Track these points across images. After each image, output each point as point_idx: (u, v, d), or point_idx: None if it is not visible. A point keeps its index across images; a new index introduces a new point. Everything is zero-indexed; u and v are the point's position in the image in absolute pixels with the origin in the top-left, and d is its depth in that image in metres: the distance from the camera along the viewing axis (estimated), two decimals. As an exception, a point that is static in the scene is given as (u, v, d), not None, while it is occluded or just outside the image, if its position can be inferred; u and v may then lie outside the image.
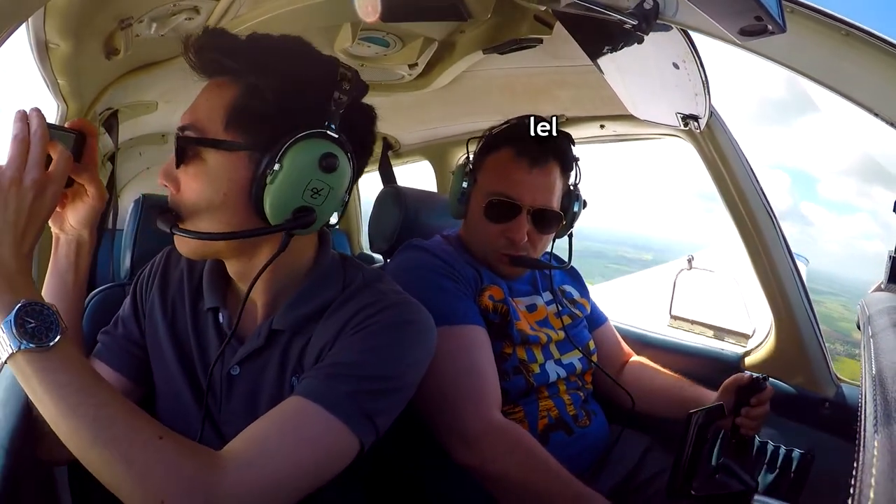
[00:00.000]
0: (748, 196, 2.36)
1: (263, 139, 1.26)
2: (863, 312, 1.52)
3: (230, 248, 1.37)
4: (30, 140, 1.17)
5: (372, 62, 2.53)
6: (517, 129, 2.09)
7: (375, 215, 2.63)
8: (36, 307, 1.10)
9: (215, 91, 1.33)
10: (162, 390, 1.53)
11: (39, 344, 1.08)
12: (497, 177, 2.07)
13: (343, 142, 1.30)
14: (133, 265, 1.97)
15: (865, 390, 0.97)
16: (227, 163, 1.28)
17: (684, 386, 2.28)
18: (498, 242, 2.07)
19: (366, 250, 4.45)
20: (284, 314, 1.40)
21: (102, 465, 1.07)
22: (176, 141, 1.30)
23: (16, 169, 1.14)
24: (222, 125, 1.29)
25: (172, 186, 1.34)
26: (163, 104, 2.83)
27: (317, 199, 1.28)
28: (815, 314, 2.43)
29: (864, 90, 1.34)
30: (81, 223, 1.41)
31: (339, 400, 1.22)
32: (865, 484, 0.64)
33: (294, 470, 1.17)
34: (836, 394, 2.40)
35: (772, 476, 2.41)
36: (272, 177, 1.24)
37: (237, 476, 1.11)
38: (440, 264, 2.00)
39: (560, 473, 1.70)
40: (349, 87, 1.32)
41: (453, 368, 1.77)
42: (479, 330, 1.92)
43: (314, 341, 1.37)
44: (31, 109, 1.20)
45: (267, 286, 1.42)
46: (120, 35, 1.91)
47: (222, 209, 1.30)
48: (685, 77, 1.91)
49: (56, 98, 2.14)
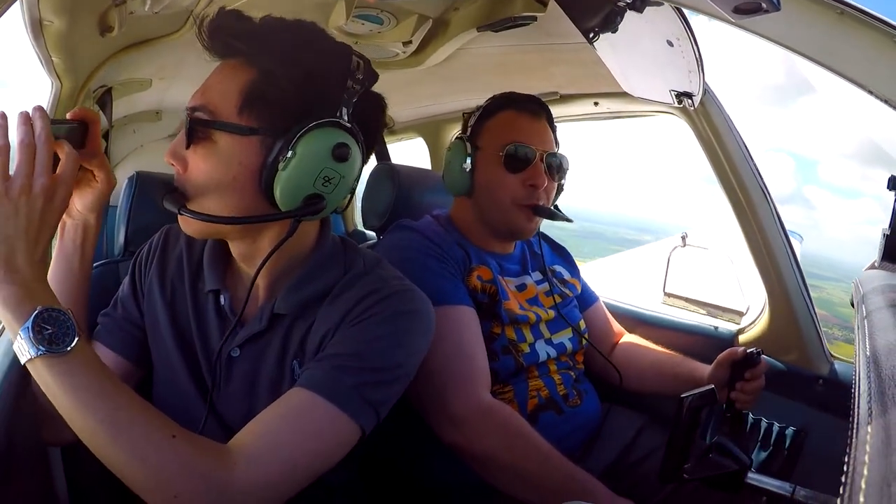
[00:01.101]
0: (742, 173, 2.36)
1: (277, 125, 1.27)
2: (857, 290, 1.52)
3: (236, 229, 1.37)
4: (35, 144, 1.16)
5: (366, 40, 2.52)
6: (508, 95, 2.16)
7: (369, 192, 2.63)
8: (53, 313, 1.11)
9: (229, 73, 1.33)
10: (160, 371, 1.54)
11: (57, 349, 1.09)
12: (506, 131, 2.11)
13: (355, 131, 1.31)
14: (127, 242, 1.98)
15: (860, 368, 0.97)
16: (238, 146, 1.29)
17: (677, 361, 2.30)
18: (519, 193, 2.08)
19: (359, 227, 4.45)
20: (286, 298, 1.41)
21: (119, 463, 1.10)
22: (187, 121, 1.30)
23: (25, 176, 1.13)
24: (236, 109, 1.29)
25: (180, 166, 1.34)
26: (157, 81, 2.82)
27: (328, 187, 1.29)
28: (808, 291, 2.43)
29: (858, 68, 1.34)
30: (88, 208, 1.42)
31: (344, 392, 1.25)
32: (859, 461, 0.65)
33: (300, 461, 1.20)
34: (829, 371, 2.41)
35: (765, 453, 2.43)
36: (284, 163, 1.25)
37: (247, 470, 1.14)
38: (428, 244, 2.01)
39: (550, 454, 1.72)
40: (362, 77, 1.33)
41: (441, 349, 1.76)
42: (468, 310, 1.93)
43: (316, 327, 1.38)
44: (34, 109, 1.19)
45: (269, 268, 1.42)
46: (114, 12, 1.89)
47: (230, 191, 1.30)
48: (679, 54, 1.90)
49: (50, 75, 2.12)
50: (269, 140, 1.27)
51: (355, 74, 1.32)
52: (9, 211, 1.11)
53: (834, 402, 2.32)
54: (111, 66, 2.33)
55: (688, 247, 3.99)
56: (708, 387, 1.42)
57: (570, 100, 3.06)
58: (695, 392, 1.39)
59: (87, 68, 2.27)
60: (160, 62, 2.52)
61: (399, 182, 2.54)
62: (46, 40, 1.90)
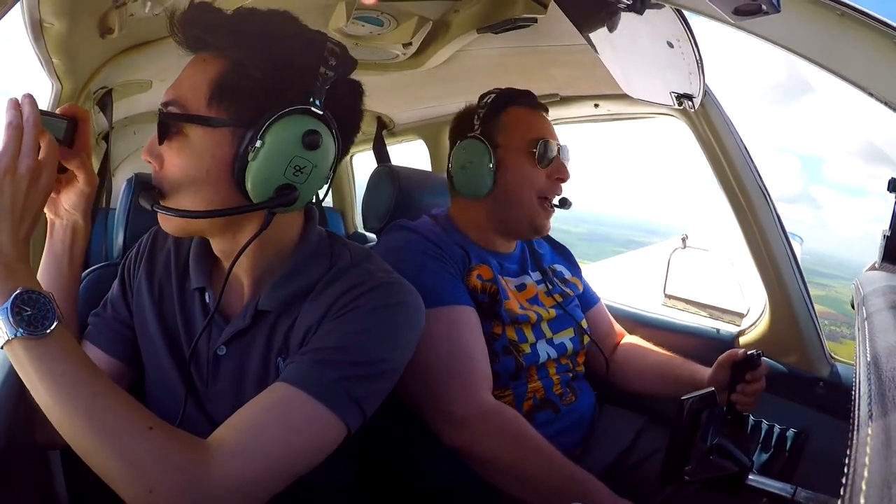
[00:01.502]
0: (742, 175, 2.36)
1: (247, 115, 1.26)
2: (857, 292, 1.52)
3: (214, 225, 1.37)
4: (23, 126, 1.17)
5: (366, 41, 2.52)
6: (508, 91, 2.18)
7: (369, 194, 2.63)
8: (33, 295, 1.11)
9: (199, 66, 1.33)
10: (150, 371, 1.54)
11: (35, 332, 1.09)
12: (527, 127, 2.13)
13: (328, 118, 1.30)
14: (125, 244, 1.98)
15: (860, 370, 0.97)
16: (210, 139, 1.28)
17: (678, 364, 2.29)
18: (546, 188, 2.12)
19: (359, 229, 4.45)
20: (270, 294, 1.40)
21: (93, 453, 1.09)
22: (159, 116, 1.30)
23: (10, 157, 1.15)
24: (205, 101, 1.28)
25: (156, 163, 1.34)
26: (157, 83, 2.82)
27: (299, 176, 1.28)
28: (809, 293, 2.43)
29: (858, 70, 1.34)
30: (74, 207, 1.42)
31: (325, 386, 1.23)
32: (860, 463, 0.64)
33: (281, 458, 1.18)
34: (830, 373, 2.41)
35: (766, 455, 2.43)
36: (254, 154, 1.24)
37: (225, 465, 1.12)
38: (427, 244, 1.99)
39: (552, 455, 1.71)
40: (336, 63, 1.32)
41: (442, 350, 1.77)
42: (468, 310, 1.92)
43: (300, 322, 1.37)
44: (24, 96, 1.21)
45: (252, 264, 1.43)
46: (114, 14, 1.90)
47: (205, 186, 1.30)
48: (679, 56, 1.90)
49: (50, 77, 2.13)
50: (240, 131, 1.26)
51: (328, 61, 1.31)
52: None
53: (834, 403, 2.32)
54: (111, 67, 2.34)
55: (688, 248, 3.98)
56: (708, 389, 1.42)
57: (570, 102, 3.06)
58: (695, 394, 1.39)
59: (88, 70, 2.28)
60: (161, 64, 2.52)
61: (399, 184, 2.53)
62: (47, 42, 1.91)
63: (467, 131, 2.14)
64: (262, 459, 1.15)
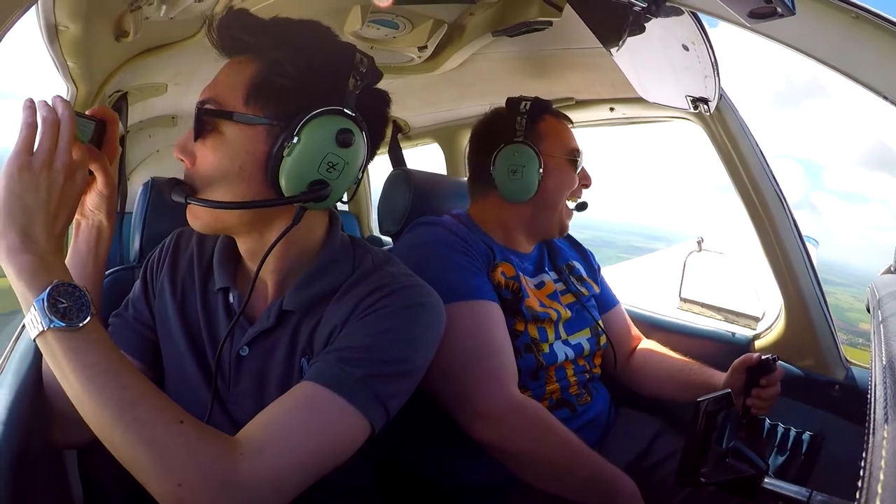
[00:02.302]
0: (758, 178, 2.35)
1: (282, 114, 1.29)
2: (872, 295, 1.51)
3: (242, 222, 1.38)
4: (60, 121, 1.20)
5: (381, 45, 2.52)
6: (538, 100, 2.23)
7: (385, 197, 2.64)
8: (68, 288, 1.13)
9: (236, 68, 1.36)
10: (171, 371, 1.55)
11: (70, 323, 1.10)
12: (562, 136, 2.24)
13: (359, 119, 1.32)
14: (142, 248, 1.99)
15: (876, 373, 0.97)
16: (245, 136, 1.30)
17: (693, 369, 2.29)
18: (575, 192, 2.25)
19: (375, 233, 4.45)
20: (295, 294, 1.41)
21: (123, 446, 1.09)
22: (196, 114, 1.32)
23: (48, 152, 1.17)
24: (242, 100, 1.31)
25: (188, 160, 1.36)
26: (172, 86, 2.84)
27: (332, 173, 1.30)
28: (824, 297, 2.42)
29: (873, 73, 1.34)
30: (97, 206, 1.43)
31: (351, 385, 1.24)
32: (875, 466, 0.64)
33: (307, 455, 1.18)
34: (846, 376, 2.40)
35: (782, 458, 2.42)
36: (290, 150, 1.27)
37: (253, 461, 1.12)
38: (454, 239, 2.01)
39: (580, 448, 1.75)
40: (365, 72, 1.35)
41: (470, 345, 1.79)
42: (494, 306, 1.93)
43: (324, 323, 1.38)
44: (55, 97, 1.23)
45: (277, 265, 1.44)
46: (129, 17, 1.91)
47: (238, 180, 1.32)
48: (695, 59, 1.90)
49: (66, 80, 2.15)
50: (275, 129, 1.29)
51: (359, 69, 1.34)
52: (30, 183, 1.15)
53: (850, 407, 2.31)
54: (127, 70, 2.35)
55: (703, 251, 3.98)
56: (724, 391, 1.42)
57: (585, 105, 3.06)
58: (711, 395, 1.39)
59: (103, 73, 2.29)
60: (176, 67, 2.54)
61: (415, 187, 2.54)
62: (62, 45, 1.92)
63: (511, 136, 2.16)
64: (290, 456, 1.16)
